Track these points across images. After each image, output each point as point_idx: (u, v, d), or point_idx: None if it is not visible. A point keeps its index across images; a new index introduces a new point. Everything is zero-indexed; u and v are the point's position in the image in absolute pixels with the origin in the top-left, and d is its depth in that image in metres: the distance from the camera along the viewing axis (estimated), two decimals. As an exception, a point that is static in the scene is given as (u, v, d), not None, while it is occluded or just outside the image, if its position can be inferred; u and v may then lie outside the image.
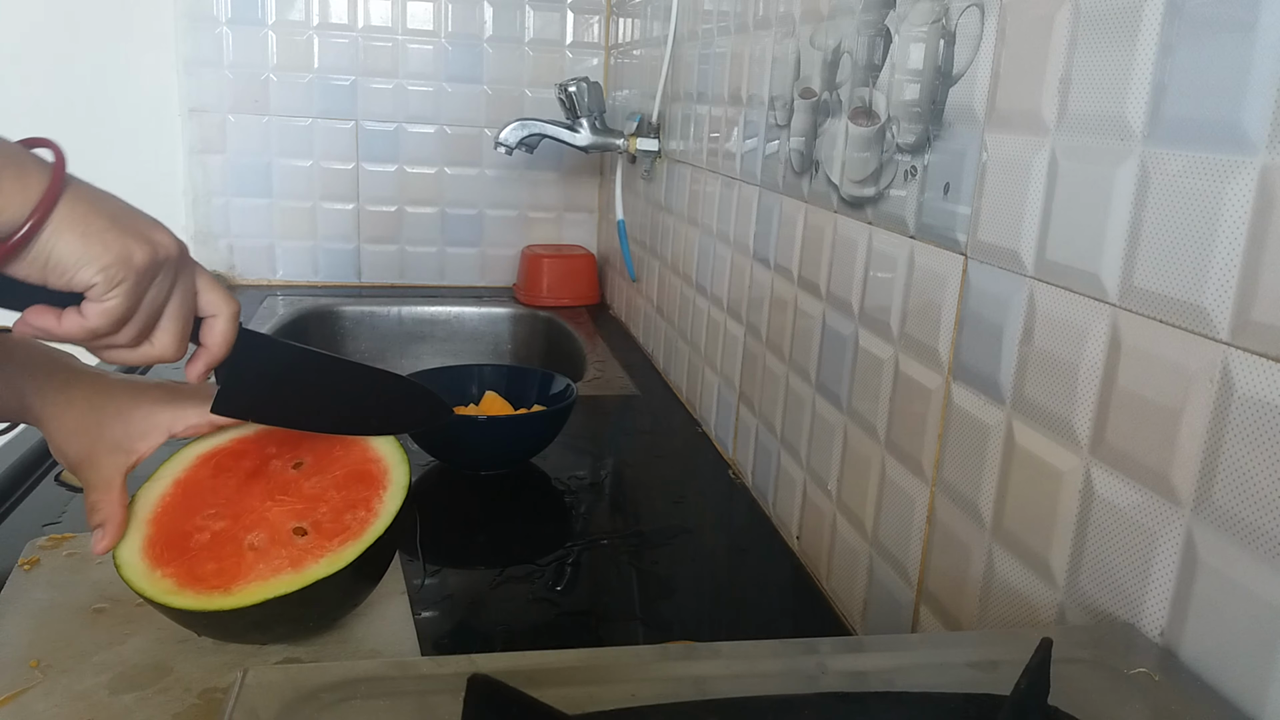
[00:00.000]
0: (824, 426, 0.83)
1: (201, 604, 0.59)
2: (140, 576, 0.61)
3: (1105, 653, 0.44)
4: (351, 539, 0.62)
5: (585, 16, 1.85)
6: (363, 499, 0.65)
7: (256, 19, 1.73)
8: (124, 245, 0.51)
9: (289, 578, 0.60)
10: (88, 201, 0.51)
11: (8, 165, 0.48)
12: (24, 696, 0.59)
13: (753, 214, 1.02)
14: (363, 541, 0.62)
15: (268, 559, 0.61)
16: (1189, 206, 0.44)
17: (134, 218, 0.53)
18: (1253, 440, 0.41)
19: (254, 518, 0.64)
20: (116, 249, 0.50)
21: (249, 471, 0.67)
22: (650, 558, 0.86)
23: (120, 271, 0.50)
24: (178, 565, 0.61)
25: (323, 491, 0.66)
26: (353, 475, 0.67)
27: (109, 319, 0.51)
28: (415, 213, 1.87)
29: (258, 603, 0.59)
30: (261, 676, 0.39)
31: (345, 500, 0.65)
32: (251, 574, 0.61)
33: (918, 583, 0.68)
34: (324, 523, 0.64)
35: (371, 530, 0.63)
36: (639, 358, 1.50)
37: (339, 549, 0.62)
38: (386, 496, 0.65)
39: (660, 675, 0.41)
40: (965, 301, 0.62)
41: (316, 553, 0.62)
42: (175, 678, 0.61)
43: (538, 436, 1.03)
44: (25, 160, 0.49)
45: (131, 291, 0.51)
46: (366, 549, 0.62)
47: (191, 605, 0.59)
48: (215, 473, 0.67)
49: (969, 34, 0.61)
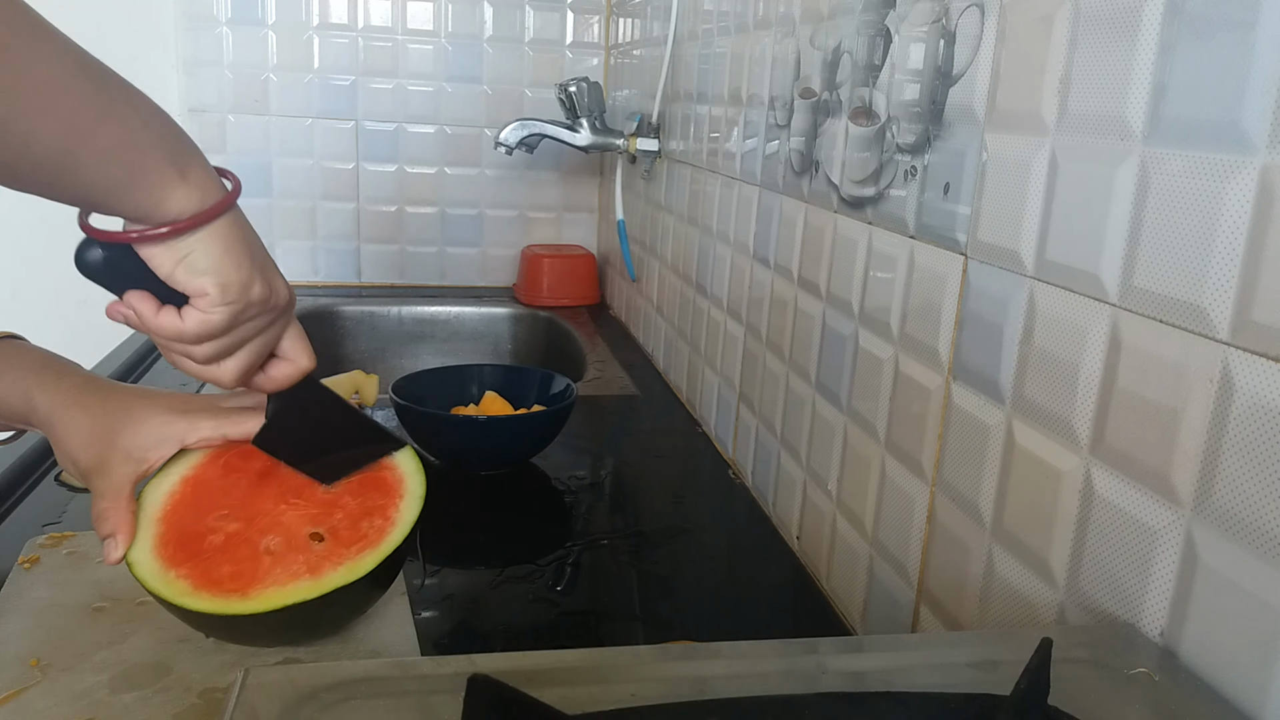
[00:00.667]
0: (824, 426, 0.83)
1: (219, 607, 0.59)
2: (154, 576, 0.60)
3: (1105, 653, 0.44)
4: (370, 547, 0.62)
5: (585, 16, 1.85)
6: (379, 507, 0.65)
7: (256, 19, 1.73)
8: (250, 275, 0.55)
9: (307, 584, 0.60)
10: (242, 228, 0.56)
11: (202, 165, 0.54)
12: (24, 695, 0.59)
13: (753, 214, 1.02)
14: (381, 551, 0.62)
15: (285, 564, 0.61)
16: (1189, 206, 0.44)
17: (267, 259, 0.58)
18: (1253, 440, 0.41)
19: (268, 521, 0.63)
20: (244, 274, 0.55)
21: (259, 473, 0.66)
22: (650, 558, 0.86)
23: (236, 294, 0.55)
24: (192, 566, 0.61)
25: (337, 497, 0.65)
26: (367, 482, 0.66)
27: (203, 330, 0.55)
28: (415, 213, 1.87)
29: (276, 609, 0.59)
30: (261, 676, 0.39)
31: (362, 507, 0.65)
32: (269, 579, 0.60)
33: (918, 583, 0.68)
34: (341, 529, 0.63)
35: (389, 540, 0.63)
36: (639, 358, 1.50)
37: (357, 557, 0.62)
38: (403, 505, 0.65)
39: (660, 675, 0.41)
40: (965, 301, 0.62)
41: (335, 560, 0.61)
42: (175, 677, 0.62)
43: (538, 436, 1.03)
44: (211, 170, 0.55)
45: (235, 315, 0.55)
46: (385, 558, 0.62)
47: (208, 608, 0.59)
48: (225, 472, 0.66)
49: (969, 34, 0.61)
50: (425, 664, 0.42)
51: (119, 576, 0.71)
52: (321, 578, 0.60)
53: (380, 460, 0.68)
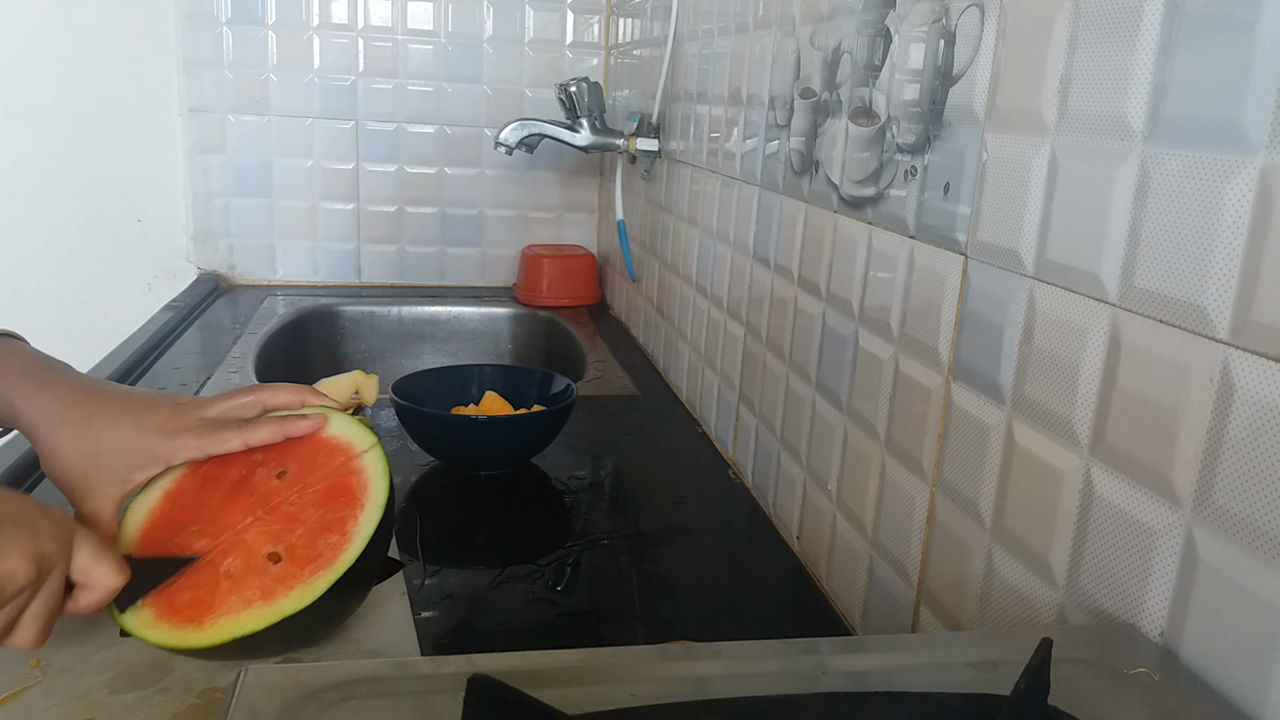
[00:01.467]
0: (824, 426, 0.83)
1: (175, 640, 0.59)
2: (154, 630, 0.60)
3: (1105, 653, 0.44)
4: (323, 569, 0.62)
5: (585, 16, 1.85)
6: (338, 520, 0.64)
7: (256, 19, 1.73)
8: None
9: (259, 612, 0.60)
10: None
11: None
12: (24, 695, 0.59)
13: (753, 214, 1.02)
14: (333, 572, 0.61)
15: (240, 589, 0.61)
16: (1189, 206, 0.44)
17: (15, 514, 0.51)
18: (1253, 440, 0.41)
19: (232, 538, 0.63)
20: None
21: (235, 481, 0.66)
22: (650, 558, 0.86)
23: None
24: (156, 594, 0.61)
25: (301, 510, 0.65)
26: (334, 490, 0.66)
27: None
28: (415, 213, 1.87)
29: (229, 640, 0.59)
30: (261, 676, 0.39)
31: (322, 521, 0.64)
32: (224, 607, 0.60)
33: (918, 583, 0.68)
34: (299, 548, 0.63)
35: (343, 559, 0.62)
36: (639, 358, 1.50)
37: (310, 580, 0.61)
38: (363, 517, 0.64)
39: (660, 675, 0.41)
40: (965, 301, 0.62)
41: (288, 584, 0.61)
42: (175, 677, 0.62)
43: (538, 436, 1.03)
44: None
45: None
46: (338, 579, 0.61)
47: (166, 642, 0.59)
48: (203, 483, 0.66)
49: (969, 34, 0.61)
50: (425, 664, 0.42)
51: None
52: (273, 604, 0.60)
53: (350, 465, 0.67)
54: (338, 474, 0.66)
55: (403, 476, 1.01)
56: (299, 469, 0.67)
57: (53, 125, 1.74)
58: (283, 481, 0.66)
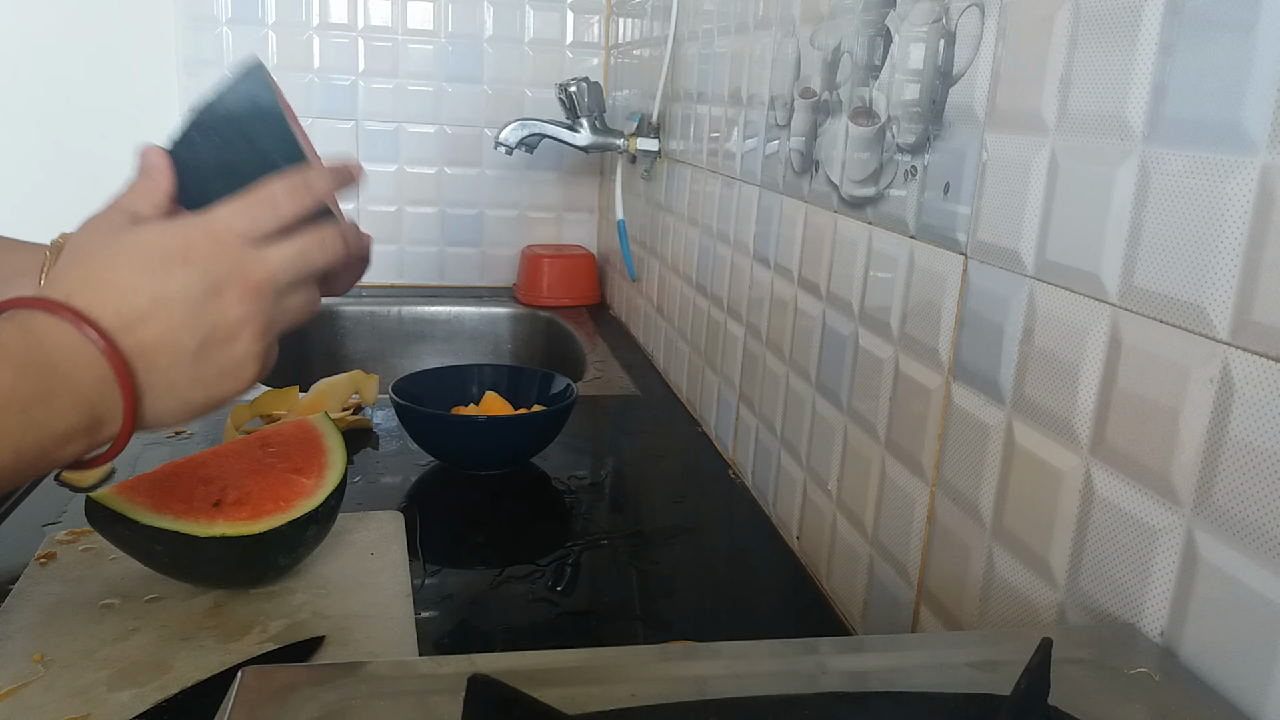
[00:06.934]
0: (824, 426, 0.83)
1: (127, 510, 0.66)
2: (115, 497, 0.67)
3: (1105, 653, 0.44)
4: (302, 497, 0.73)
5: (585, 16, 1.85)
6: (309, 468, 0.76)
7: (256, 19, 1.73)
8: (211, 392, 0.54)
9: (210, 522, 0.68)
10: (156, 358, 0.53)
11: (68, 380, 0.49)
12: (24, 691, 0.59)
13: (753, 214, 1.02)
14: (292, 512, 0.71)
15: (206, 506, 0.70)
16: (1189, 206, 0.44)
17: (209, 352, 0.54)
18: (1253, 440, 0.41)
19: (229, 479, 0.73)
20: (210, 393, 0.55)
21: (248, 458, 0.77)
22: (650, 558, 0.86)
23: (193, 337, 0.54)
24: (149, 495, 0.68)
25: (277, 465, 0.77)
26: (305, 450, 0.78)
27: None
28: (415, 213, 1.87)
29: (168, 529, 0.66)
30: (260, 676, 0.39)
31: (293, 467, 0.76)
32: (181, 509, 0.68)
33: (918, 583, 0.68)
34: (275, 486, 0.74)
35: (304, 502, 0.73)
36: (639, 358, 1.50)
37: (287, 509, 0.71)
38: (328, 474, 0.76)
39: (660, 675, 0.41)
40: (965, 301, 0.62)
41: (242, 514, 0.70)
42: (174, 675, 0.62)
43: (538, 436, 1.03)
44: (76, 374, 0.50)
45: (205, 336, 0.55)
46: (314, 508, 0.72)
47: (119, 507, 0.66)
48: (240, 455, 0.76)
49: (969, 34, 0.61)
50: (425, 664, 0.42)
51: (131, 573, 0.73)
52: (221, 522, 0.69)
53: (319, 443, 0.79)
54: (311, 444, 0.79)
55: (403, 476, 1.01)
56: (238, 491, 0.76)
57: (53, 125, 1.74)
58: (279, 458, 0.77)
